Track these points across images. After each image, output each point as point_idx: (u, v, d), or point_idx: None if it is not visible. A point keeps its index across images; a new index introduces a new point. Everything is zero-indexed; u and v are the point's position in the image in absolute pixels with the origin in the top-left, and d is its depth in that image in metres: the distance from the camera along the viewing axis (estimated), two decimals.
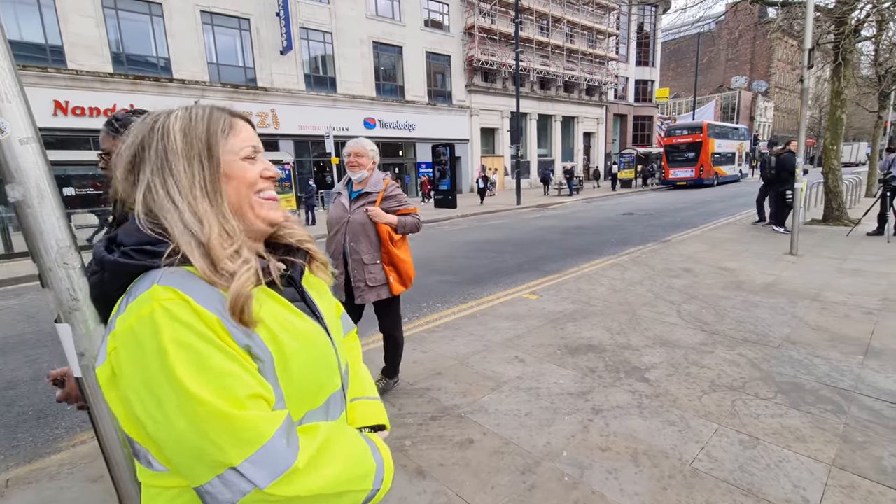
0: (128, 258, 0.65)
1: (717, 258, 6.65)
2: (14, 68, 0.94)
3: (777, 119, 57.95)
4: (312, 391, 0.74)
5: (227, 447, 0.58)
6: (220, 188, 0.71)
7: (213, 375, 0.59)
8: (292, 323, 0.72)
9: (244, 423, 0.59)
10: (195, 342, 0.59)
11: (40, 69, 14.20)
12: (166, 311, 0.59)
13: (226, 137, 0.73)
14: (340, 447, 0.71)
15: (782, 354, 3.34)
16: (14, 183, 0.92)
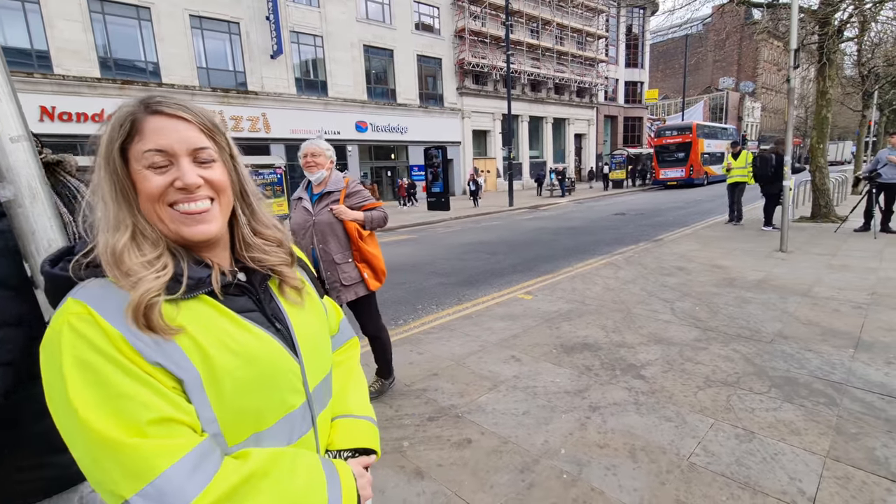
0: (62, 271, 0.62)
1: (709, 256, 6.72)
2: (4, 67, 0.92)
3: (764, 119, 58.77)
4: (254, 411, 0.66)
5: (119, 479, 0.54)
6: (129, 195, 0.64)
7: (109, 397, 0.55)
8: (231, 336, 0.66)
9: (135, 454, 0.54)
10: (95, 360, 0.56)
11: (26, 74, 14.03)
12: (70, 326, 0.56)
13: (131, 143, 0.64)
14: (277, 480, 0.63)
15: (775, 349, 3.37)
16: (5, 182, 0.90)
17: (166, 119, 0.65)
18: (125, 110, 0.65)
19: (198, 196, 0.66)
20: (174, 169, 0.65)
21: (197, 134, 0.67)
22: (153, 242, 0.64)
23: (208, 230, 0.67)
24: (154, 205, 0.65)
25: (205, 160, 0.68)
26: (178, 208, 0.65)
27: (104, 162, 0.64)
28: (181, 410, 0.59)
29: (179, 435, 0.58)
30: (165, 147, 0.64)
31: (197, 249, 0.69)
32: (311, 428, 0.76)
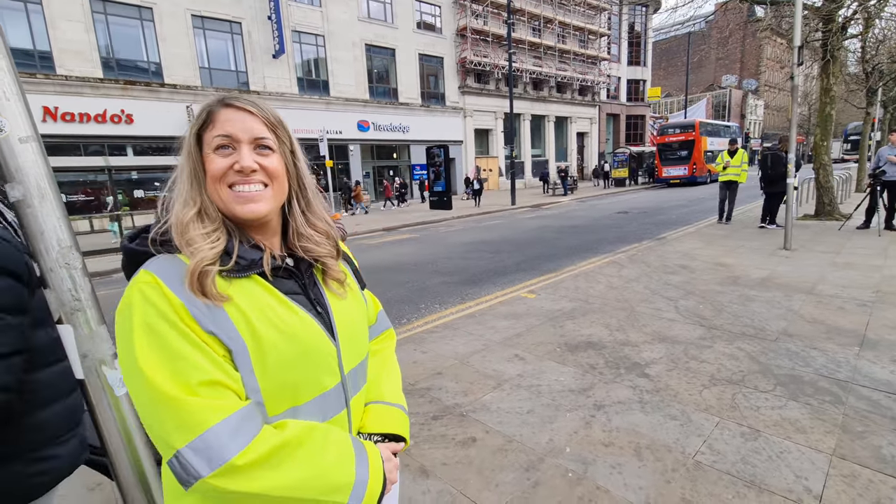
0: (138, 246, 0.72)
1: (713, 254, 6.70)
2: (13, 68, 0.93)
3: (768, 117, 58.54)
4: (292, 386, 0.72)
5: (172, 430, 0.61)
6: (199, 176, 0.74)
7: (168, 358, 0.62)
8: (277, 314, 0.72)
9: (187, 409, 0.61)
10: (159, 325, 0.63)
11: (28, 75, 14.07)
12: (141, 293, 0.65)
13: (205, 130, 0.75)
14: (310, 451, 0.68)
15: (780, 347, 3.36)
16: (14, 182, 0.90)
17: (235, 111, 0.75)
18: (205, 104, 0.76)
19: (252, 180, 0.74)
20: (236, 154, 0.74)
21: (260, 126, 0.76)
22: (212, 219, 0.73)
23: (257, 209, 0.74)
24: (216, 184, 0.73)
25: (265, 147, 0.76)
26: (234, 189, 0.74)
27: (185, 147, 0.75)
28: (229, 376, 0.65)
29: (226, 398, 0.64)
30: (230, 133, 0.74)
31: (249, 230, 0.77)
32: (344, 409, 0.82)
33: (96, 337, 0.98)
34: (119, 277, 6.21)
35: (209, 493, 0.63)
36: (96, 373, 0.98)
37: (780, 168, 8.38)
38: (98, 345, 0.98)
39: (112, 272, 8.90)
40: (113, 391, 1.00)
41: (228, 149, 0.73)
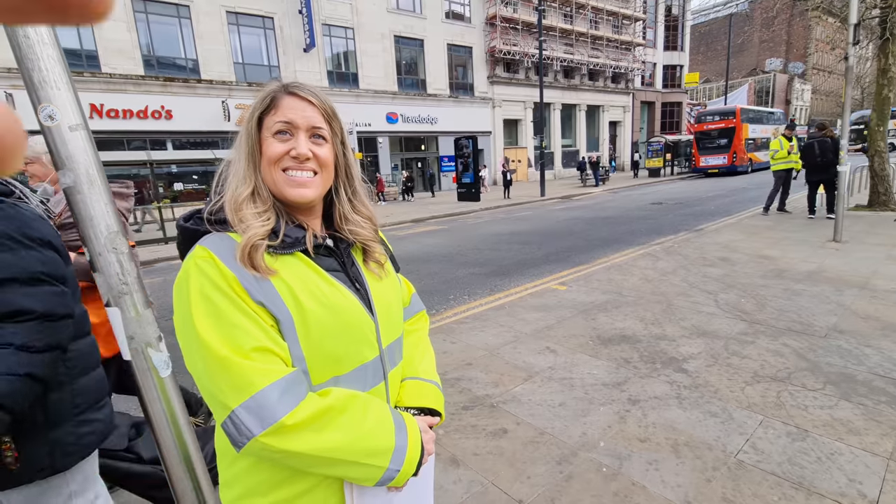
0: (193, 225, 0.77)
1: (756, 246, 6.39)
2: (62, 58, 0.95)
3: (815, 102, 55.25)
4: (334, 356, 0.77)
5: (227, 391, 0.66)
6: (257, 159, 0.78)
7: (223, 325, 0.67)
8: (320, 288, 0.76)
9: (240, 371, 0.65)
10: (214, 295, 0.68)
11: (76, 73, 14.77)
12: (196, 266, 0.70)
13: (267, 114, 0.78)
14: (352, 417, 0.73)
15: (830, 344, 3.18)
16: (65, 169, 0.93)
17: (298, 100, 0.79)
18: (269, 89, 0.79)
19: (305, 167, 0.78)
20: (293, 140, 0.78)
21: (318, 116, 0.80)
22: (264, 200, 0.77)
23: (306, 194, 0.79)
24: (271, 167, 0.77)
25: (319, 136, 0.80)
26: (287, 173, 0.77)
27: (245, 128, 0.79)
28: (276, 344, 0.70)
29: (275, 363, 0.69)
30: (291, 120, 0.77)
31: (295, 212, 0.82)
32: (382, 381, 0.86)
33: (142, 320, 1.01)
34: (162, 267, 6.50)
35: (260, 453, 0.68)
36: (142, 354, 1.01)
37: (828, 155, 7.90)
38: (144, 327, 1.01)
39: (155, 262, 9.31)
40: (158, 372, 1.02)
41: (287, 134, 0.77)
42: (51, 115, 0.93)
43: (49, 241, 1.06)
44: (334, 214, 0.87)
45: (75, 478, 1.20)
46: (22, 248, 1.00)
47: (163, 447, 1.07)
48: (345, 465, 0.72)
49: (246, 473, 0.76)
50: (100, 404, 1.24)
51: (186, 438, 1.07)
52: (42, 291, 1.01)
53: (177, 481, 1.09)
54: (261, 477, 0.75)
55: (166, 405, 1.03)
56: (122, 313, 0.98)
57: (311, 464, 0.71)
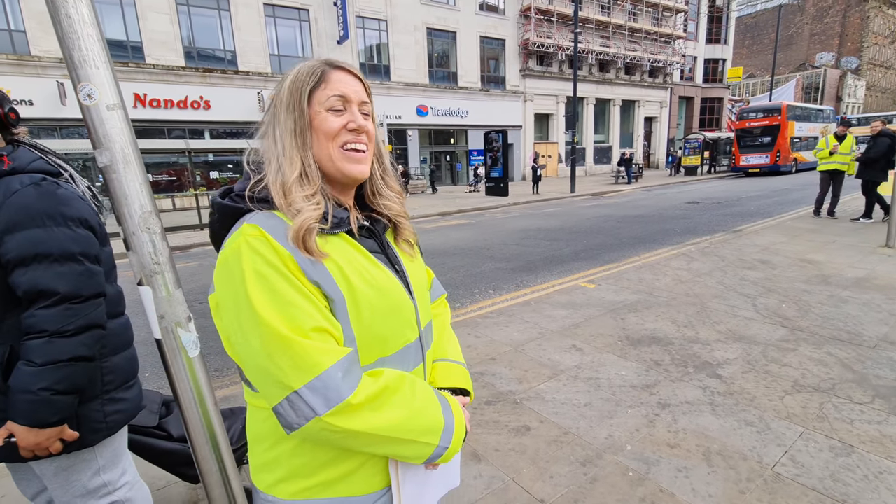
0: (232, 202, 0.75)
1: (798, 250, 6.07)
2: (102, 38, 0.96)
3: (869, 99, 52.00)
4: (383, 337, 0.76)
5: (289, 371, 0.64)
6: (307, 137, 0.76)
7: (281, 303, 0.65)
8: (367, 269, 0.76)
9: (304, 351, 0.64)
10: (269, 273, 0.66)
11: (122, 64, 15.40)
12: (248, 245, 0.67)
13: (317, 89, 0.76)
14: (404, 396, 0.73)
15: (880, 356, 2.98)
16: (102, 148, 0.94)
17: (346, 74, 0.79)
18: (312, 64, 0.78)
19: (361, 140, 0.78)
20: (347, 114, 0.77)
21: (363, 91, 0.81)
22: (312, 181, 0.75)
23: (364, 170, 0.80)
24: (329, 142, 0.76)
25: (365, 113, 0.81)
26: (346, 147, 0.77)
27: (288, 105, 0.76)
28: (332, 325, 0.69)
29: (332, 343, 0.68)
30: (345, 94, 0.77)
31: (336, 191, 0.81)
32: (422, 362, 0.86)
33: (173, 300, 1.01)
34: (197, 252, 6.68)
35: (318, 434, 0.67)
36: (172, 334, 1.02)
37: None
38: (175, 307, 1.02)
39: (191, 247, 9.64)
40: (187, 352, 1.03)
41: (341, 109, 0.77)
42: (90, 94, 0.94)
43: (85, 220, 1.10)
44: (365, 191, 0.87)
45: (103, 453, 1.24)
46: (55, 226, 1.04)
47: (190, 426, 1.09)
48: (400, 444, 0.72)
49: (290, 456, 0.75)
50: (129, 384, 1.27)
51: (213, 418, 1.08)
52: (71, 270, 1.04)
53: (202, 460, 1.11)
54: (305, 459, 0.75)
55: (194, 385, 1.04)
56: (154, 292, 0.99)
57: (368, 443, 0.70)
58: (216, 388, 3.18)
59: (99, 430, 1.19)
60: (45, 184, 1.07)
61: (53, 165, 1.15)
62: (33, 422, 1.05)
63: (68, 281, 1.04)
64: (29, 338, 1.04)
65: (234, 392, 3.00)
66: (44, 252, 1.02)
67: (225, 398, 2.91)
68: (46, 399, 1.04)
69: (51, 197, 1.06)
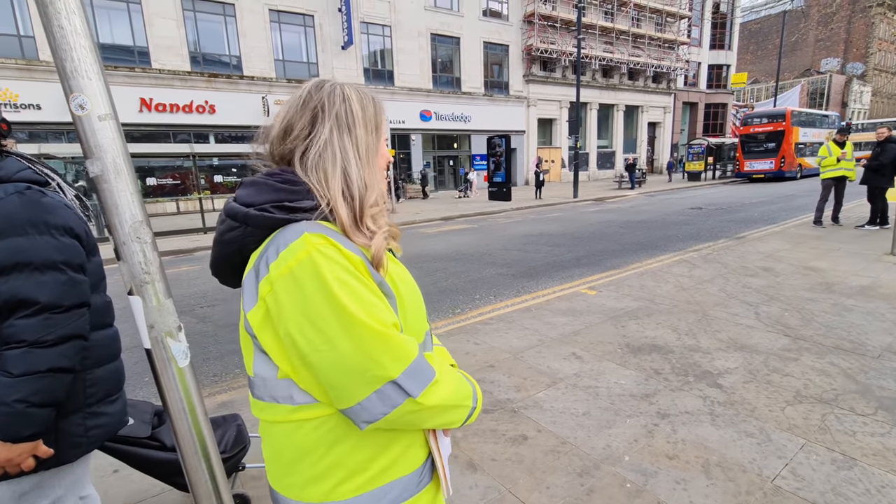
0: (271, 213, 0.73)
1: (802, 257, 6.03)
2: (95, 48, 0.96)
3: (874, 104, 51.77)
4: (416, 329, 0.82)
5: (387, 363, 0.68)
6: (376, 159, 0.83)
7: (367, 304, 0.68)
8: (400, 270, 0.83)
9: (398, 342, 0.69)
10: (349, 278, 0.68)
11: (128, 69, 15.55)
12: (321, 253, 0.68)
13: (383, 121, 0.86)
14: (448, 370, 0.82)
15: (884, 366, 2.94)
16: (93, 158, 0.94)
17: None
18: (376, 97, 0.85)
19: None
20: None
21: None
22: (384, 201, 0.83)
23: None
24: (383, 170, 0.84)
25: None
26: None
27: (368, 130, 0.82)
28: (396, 320, 0.74)
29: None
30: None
31: None
32: (432, 348, 0.92)
33: (163, 309, 1.01)
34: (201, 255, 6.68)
35: (401, 417, 0.71)
36: (162, 344, 1.01)
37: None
38: (164, 317, 1.01)
39: (194, 250, 9.68)
40: (177, 362, 1.03)
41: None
42: (81, 105, 0.94)
43: (70, 229, 1.08)
44: None
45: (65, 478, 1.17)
46: (38, 234, 1.02)
47: (179, 436, 1.08)
48: (454, 411, 0.79)
49: (349, 455, 0.76)
50: (112, 398, 1.23)
51: (203, 428, 1.07)
52: (53, 279, 1.02)
53: (192, 470, 1.10)
54: (364, 453, 0.76)
55: (185, 394, 1.03)
56: (144, 302, 0.99)
57: (434, 415, 0.76)
58: (215, 392, 3.18)
59: (79, 444, 1.15)
60: (29, 192, 1.05)
61: (41, 175, 1.14)
62: (6, 435, 1.01)
63: (49, 290, 1.02)
64: (7, 348, 1.01)
65: (233, 397, 3.00)
66: (24, 261, 1.00)
67: (223, 404, 2.91)
68: (21, 412, 1.00)
69: (35, 205, 1.05)
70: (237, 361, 3.73)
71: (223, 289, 6.07)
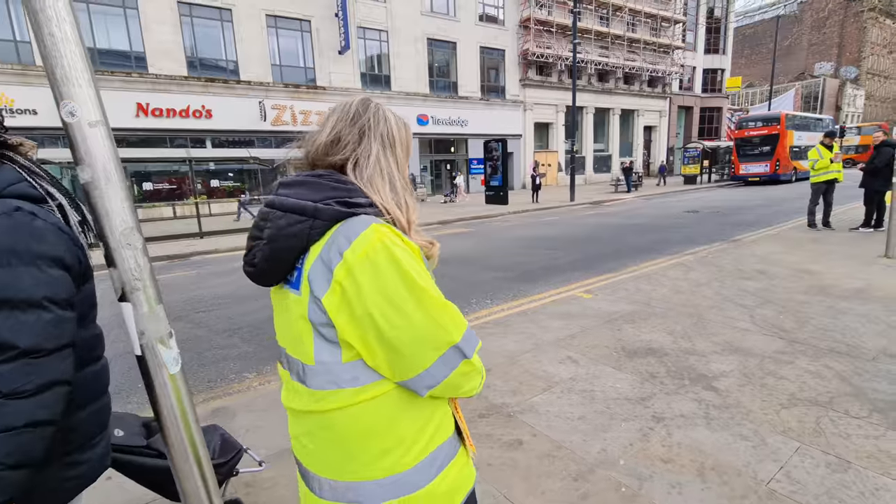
0: (339, 208, 0.80)
1: (797, 260, 6.06)
2: (85, 55, 0.96)
3: (868, 108, 52.22)
4: None
5: (451, 329, 0.79)
6: (407, 177, 0.93)
7: (429, 281, 0.80)
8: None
9: (456, 311, 0.81)
10: (413, 262, 0.78)
11: (125, 74, 15.54)
12: (391, 239, 0.77)
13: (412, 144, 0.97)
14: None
15: (878, 368, 2.95)
16: (84, 165, 0.94)
17: None
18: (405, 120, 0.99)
19: None
20: None
21: None
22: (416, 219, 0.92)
23: None
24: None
25: None
26: None
27: (403, 151, 0.94)
28: None
29: None
30: None
31: None
32: None
33: (154, 316, 1.01)
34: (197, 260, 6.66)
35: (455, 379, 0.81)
36: (153, 350, 1.01)
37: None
38: (156, 323, 1.01)
39: (191, 255, 9.65)
40: (168, 368, 1.02)
41: None
42: (72, 112, 0.94)
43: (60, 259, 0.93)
44: None
45: None
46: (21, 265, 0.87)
47: (172, 444, 1.07)
48: (479, 376, 0.87)
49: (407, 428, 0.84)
50: (94, 441, 1.04)
51: (195, 435, 1.06)
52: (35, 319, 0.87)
53: (184, 478, 1.09)
54: (418, 424, 0.85)
55: (177, 401, 1.03)
56: (135, 308, 0.99)
57: (470, 378, 0.85)
58: (210, 398, 3.16)
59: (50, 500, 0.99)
60: (18, 214, 0.90)
61: (38, 189, 1.00)
62: None
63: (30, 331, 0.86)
64: None
65: (227, 403, 2.99)
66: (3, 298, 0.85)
67: (217, 410, 2.90)
68: None
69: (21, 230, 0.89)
70: (233, 367, 3.71)
71: (219, 294, 6.05)
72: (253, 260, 0.88)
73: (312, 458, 0.88)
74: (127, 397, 3.26)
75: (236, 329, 4.62)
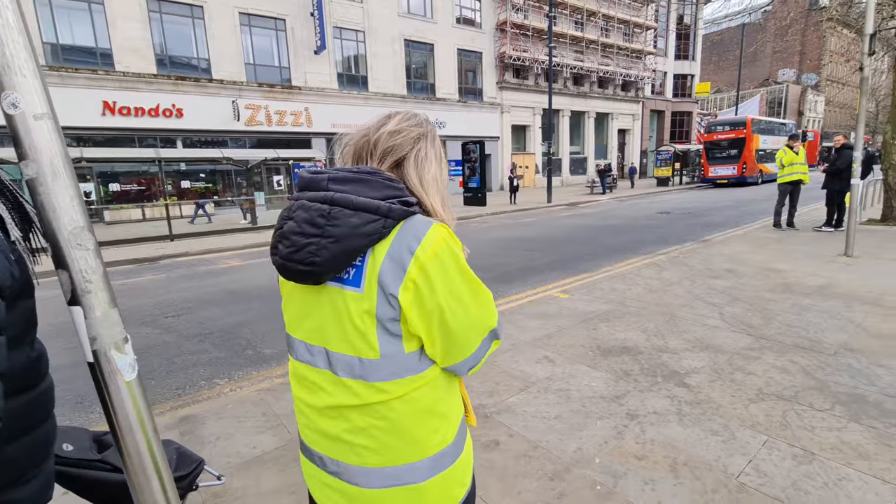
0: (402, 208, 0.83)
1: (763, 259, 6.27)
2: (30, 44, 0.90)
3: (828, 114, 54.70)
4: None
5: (494, 315, 0.90)
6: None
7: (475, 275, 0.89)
8: None
9: (492, 301, 0.91)
10: (464, 259, 0.87)
11: (90, 71, 14.97)
12: (451, 239, 0.85)
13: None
14: None
15: (839, 362, 3.07)
16: (28, 160, 0.88)
17: None
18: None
19: None
20: None
21: None
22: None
23: None
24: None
25: None
26: None
27: (442, 154, 0.99)
28: None
29: None
30: None
31: None
32: None
33: (107, 320, 0.95)
34: (167, 263, 6.47)
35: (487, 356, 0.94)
36: (106, 356, 0.95)
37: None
38: (108, 328, 0.95)
39: (160, 258, 9.33)
40: (123, 375, 0.97)
41: None
42: (14, 103, 0.88)
43: None
44: None
45: None
46: None
47: (129, 455, 1.02)
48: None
49: (449, 404, 0.93)
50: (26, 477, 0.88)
51: (154, 447, 1.01)
52: None
53: (143, 492, 1.03)
54: (454, 401, 0.95)
55: (134, 410, 0.97)
56: (86, 312, 0.93)
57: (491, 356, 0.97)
58: (178, 406, 3.05)
59: None
60: None
61: None
62: None
63: None
64: None
65: (195, 411, 2.88)
66: None
67: (185, 418, 2.79)
68: None
69: None
70: (202, 373, 3.59)
71: (189, 298, 5.87)
72: (313, 259, 0.81)
73: (360, 452, 0.88)
74: (90, 407, 3.12)
75: (207, 334, 4.48)
